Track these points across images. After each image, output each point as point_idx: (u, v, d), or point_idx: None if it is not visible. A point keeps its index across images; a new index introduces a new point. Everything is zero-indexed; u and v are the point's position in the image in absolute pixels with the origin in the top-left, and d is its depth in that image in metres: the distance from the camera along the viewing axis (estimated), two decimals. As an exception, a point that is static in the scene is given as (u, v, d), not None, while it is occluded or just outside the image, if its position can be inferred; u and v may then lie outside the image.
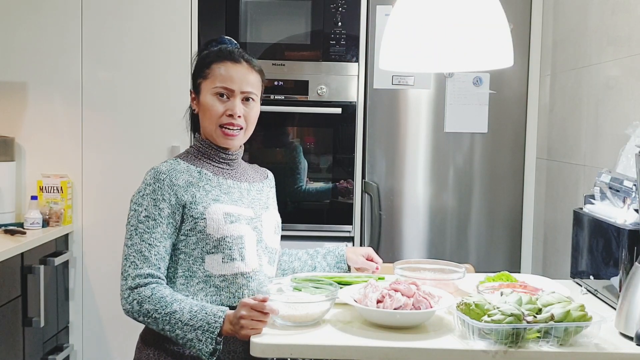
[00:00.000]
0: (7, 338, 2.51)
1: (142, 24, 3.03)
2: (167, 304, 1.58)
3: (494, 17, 1.65)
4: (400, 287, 1.62)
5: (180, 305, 1.58)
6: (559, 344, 1.45)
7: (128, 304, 1.62)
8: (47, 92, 3.03)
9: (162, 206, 1.66)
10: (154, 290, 1.60)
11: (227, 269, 1.69)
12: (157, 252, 1.65)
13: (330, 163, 3.10)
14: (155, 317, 1.58)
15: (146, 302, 1.59)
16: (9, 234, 2.73)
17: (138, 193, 1.70)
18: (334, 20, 3.04)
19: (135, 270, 1.62)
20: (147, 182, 1.70)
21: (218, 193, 1.73)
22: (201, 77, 1.79)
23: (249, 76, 1.79)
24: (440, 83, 3.05)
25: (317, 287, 1.71)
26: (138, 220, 1.66)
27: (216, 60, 1.78)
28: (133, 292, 1.61)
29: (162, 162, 1.76)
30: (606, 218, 1.85)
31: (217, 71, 1.77)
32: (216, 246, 1.68)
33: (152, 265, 1.63)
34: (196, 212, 1.68)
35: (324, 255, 2.01)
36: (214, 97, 1.76)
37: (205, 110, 1.77)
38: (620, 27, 2.31)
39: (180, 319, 1.56)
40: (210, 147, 1.80)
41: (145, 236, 1.64)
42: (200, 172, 1.75)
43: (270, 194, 1.93)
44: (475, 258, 3.08)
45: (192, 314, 1.56)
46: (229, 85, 1.76)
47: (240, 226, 1.71)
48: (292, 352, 1.47)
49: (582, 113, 2.62)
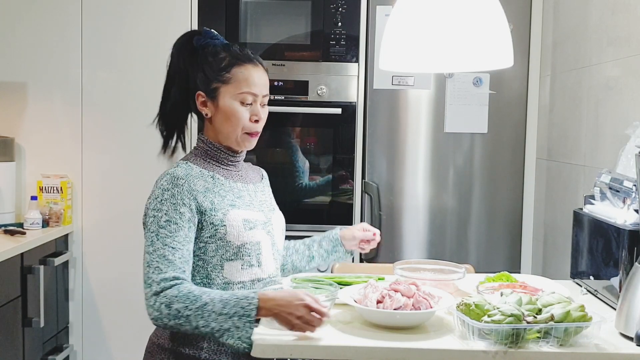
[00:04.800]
0: (7, 338, 2.50)
1: (142, 24, 3.03)
2: (196, 297, 1.51)
3: (494, 17, 1.65)
4: (400, 287, 1.62)
5: (209, 296, 1.52)
6: (559, 345, 1.45)
7: (155, 311, 1.53)
8: (47, 92, 3.03)
9: (182, 210, 1.61)
10: (179, 288, 1.53)
11: (246, 275, 1.67)
12: (181, 255, 1.59)
13: (330, 163, 3.10)
14: (187, 314, 1.50)
15: (174, 302, 1.51)
16: (8, 234, 2.72)
17: (155, 199, 1.63)
18: (334, 21, 3.04)
19: (160, 274, 1.55)
20: (164, 187, 1.63)
21: (232, 198, 1.70)
22: (219, 81, 1.70)
23: (265, 78, 1.75)
24: (440, 83, 3.05)
25: (317, 288, 1.72)
26: (159, 225, 1.59)
27: (236, 63, 1.71)
28: (159, 297, 1.53)
29: (173, 166, 1.70)
30: (606, 218, 1.85)
31: (239, 75, 1.70)
32: (236, 253, 1.65)
33: (177, 268, 1.57)
34: (216, 219, 1.64)
35: (319, 242, 1.96)
36: (237, 102, 1.70)
37: (229, 116, 1.70)
38: (620, 27, 2.30)
39: (213, 309, 1.50)
40: (219, 151, 1.75)
41: (168, 240, 1.58)
42: (214, 176, 1.70)
43: (270, 193, 1.91)
44: (475, 258, 3.08)
45: (223, 302, 1.50)
46: (254, 90, 1.71)
47: (257, 232, 1.69)
48: (292, 352, 1.47)
49: (582, 113, 2.62)
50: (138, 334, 2.00)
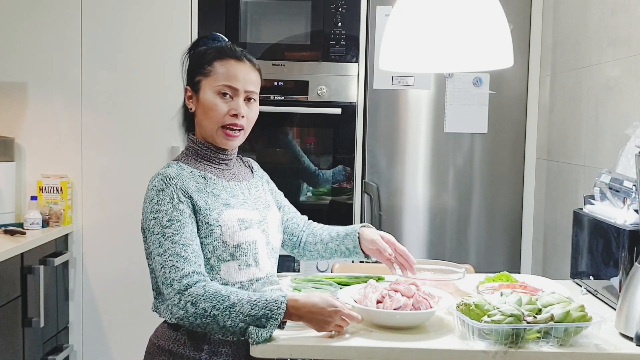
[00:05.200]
0: (6, 338, 2.50)
1: (142, 24, 3.03)
2: (223, 298, 1.50)
3: (494, 17, 1.65)
4: (400, 287, 1.62)
5: (237, 296, 1.51)
6: (559, 345, 1.45)
7: (181, 310, 1.51)
8: (47, 92, 3.03)
9: (181, 208, 1.60)
10: (205, 287, 1.52)
11: (244, 275, 1.66)
12: (193, 250, 1.58)
13: (330, 163, 3.10)
14: (214, 314, 1.49)
15: (201, 301, 1.50)
16: (8, 234, 2.72)
17: (151, 201, 1.61)
18: (334, 21, 3.04)
19: (178, 272, 1.53)
20: (158, 187, 1.62)
21: (226, 197, 1.69)
22: (201, 74, 1.72)
23: (251, 75, 1.74)
24: (440, 83, 3.05)
25: (316, 288, 1.72)
26: (162, 226, 1.58)
27: (218, 57, 1.72)
28: (184, 295, 1.51)
29: (164, 167, 1.69)
30: (606, 218, 1.85)
31: (220, 69, 1.70)
32: (232, 253, 1.64)
33: (193, 263, 1.56)
34: (211, 219, 1.63)
35: (342, 238, 1.91)
36: (216, 95, 1.70)
37: (207, 110, 1.70)
38: (620, 28, 2.30)
39: (241, 310, 1.49)
40: (208, 149, 1.74)
41: (176, 238, 1.57)
42: (205, 176, 1.69)
43: (266, 188, 1.88)
44: (475, 258, 3.08)
45: (251, 304, 1.49)
46: (234, 83, 1.70)
47: (252, 231, 1.68)
48: (292, 352, 1.47)
49: (582, 113, 2.62)
50: (138, 334, 2.00)
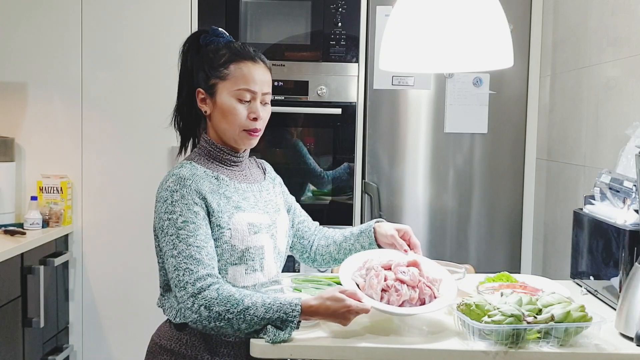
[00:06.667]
0: (7, 338, 2.50)
1: (142, 24, 3.03)
2: (237, 301, 1.50)
3: (494, 17, 1.65)
4: (405, 277, 1.61)
5: (251, 300, 1.51)
6: (559, 345, 1.45)
7: (195, 313, 1.51)
8: (47, 92, 3.03)
9: (196, 209, 1.58)
10: (218, 290, 1.51)
11: (249, 280, 1.65)
12: (207, 252, 1.57)
13: (330, 163, 3.10)
14: (229, 317, 1.49)
15: (214, 304, 1.49)
16: (8, 235, 2.73)
17: (165, 202, 1.59)
18: (334, 21, 3.04)
19: (192, 275, 1.52)
20: (172, 188, 1.59)
21: (238, 199, 1.67)
22: (217, 77, 1.67)
23: (266, 76, 1.72)
24: (440, 83, 3.05)
25: (316, 288, 1.72)
26: (177, 227, 1.56)
27: (234, 59, 1.68)
28: (197, 298, 1.50)
29: (176, 166, 1.67)
30: (606, 218, 1.85)
31: (236, 72, 1.67)
32: (240, 257, 1.63)
33: (207, 265, 1.55)
34: (223, 222, 1.62)
35: (357, 237, 1.88)
36: (234, 99, 1.67)
37: (227, 114, 1.67)
38: (620, 28, 2.30)
39: (256, 314, 1.49)
40: (222, 151, 1.72)
41: (191, 240, 1.56)
42: (218, 177, 1.68)
43: (278, 191, 1.88)
44: (475, 258, 3.08)
45: (266, 307, 1.49)
46: (252, 87, 1.67)
47: (261, 236, 1.67)
48: (292, 352, 1.47)
49: (582, 113, 2.62)
50: (138, 333, 2.00)
